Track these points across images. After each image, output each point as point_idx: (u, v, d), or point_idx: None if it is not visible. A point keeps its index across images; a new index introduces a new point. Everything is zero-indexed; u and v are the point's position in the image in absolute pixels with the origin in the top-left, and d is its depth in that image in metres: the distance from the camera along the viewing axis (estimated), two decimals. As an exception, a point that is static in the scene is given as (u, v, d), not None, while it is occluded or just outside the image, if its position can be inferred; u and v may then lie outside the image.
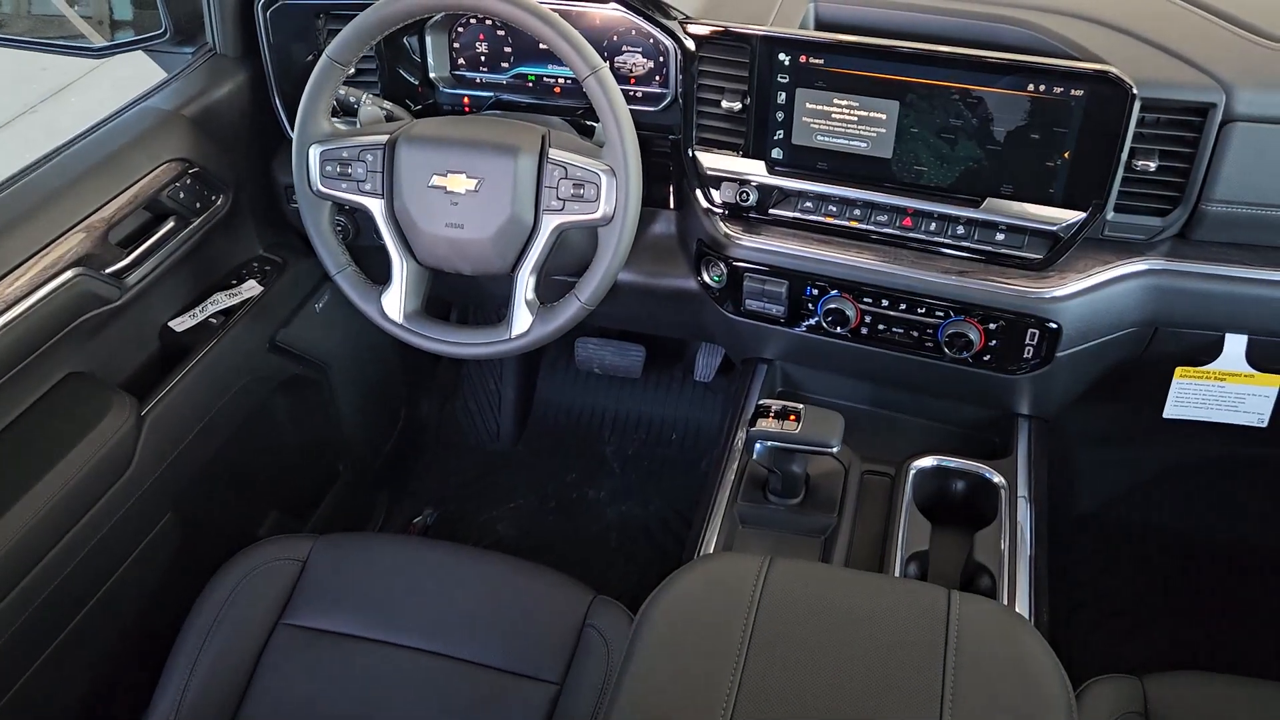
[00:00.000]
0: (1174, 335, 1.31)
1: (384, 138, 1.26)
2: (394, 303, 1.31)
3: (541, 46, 1.42)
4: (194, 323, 1.48)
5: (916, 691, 0.87)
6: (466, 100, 1.48)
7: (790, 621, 0.92)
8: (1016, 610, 1.18)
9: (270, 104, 1.52)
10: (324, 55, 1.24)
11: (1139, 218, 1.22)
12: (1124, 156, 1.16)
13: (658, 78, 1.40)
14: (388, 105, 1.39)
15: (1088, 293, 1.25)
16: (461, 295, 2.07)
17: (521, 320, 1.27)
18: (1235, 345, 1.29)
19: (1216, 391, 1.33)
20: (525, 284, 1.26)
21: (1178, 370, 1.33)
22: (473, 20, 1.46)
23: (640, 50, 1.40)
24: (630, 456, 2.20)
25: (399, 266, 1.30)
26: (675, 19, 1.33)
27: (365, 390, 1.93)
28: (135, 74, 1.64)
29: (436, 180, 1.23)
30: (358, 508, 2.00)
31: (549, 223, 1.23)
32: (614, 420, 2.25)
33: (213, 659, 1.25)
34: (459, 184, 1.23)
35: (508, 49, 1.46)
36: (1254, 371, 1.31)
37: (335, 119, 1.30)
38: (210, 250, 1.51)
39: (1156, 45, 1.20)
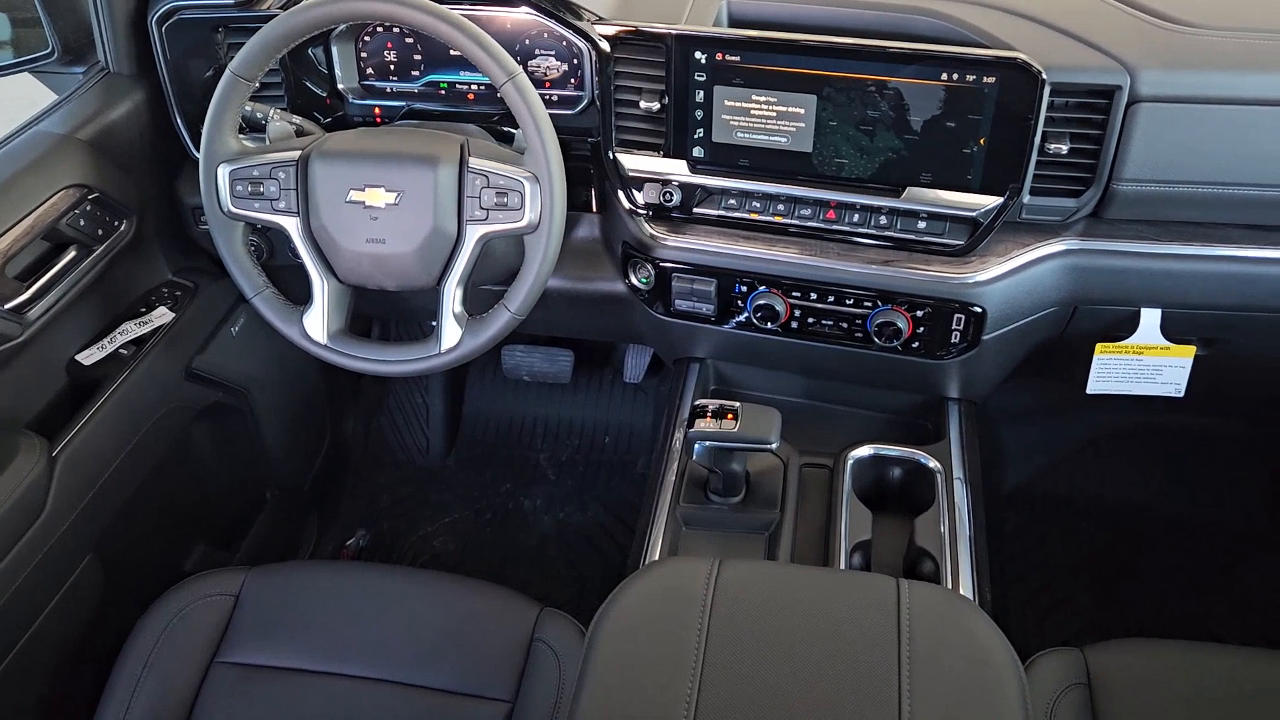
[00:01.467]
0: (1093, 312, 1.34)
1: (296, 153, 1.22)
2: (316, 323, 1.27)
3: (453, 53, 1.40)
4: (103, 355, 1.41)
5: (874, 682, 0.87)
6: (378, 111, 1.45)
7: (744, 623, 0.92)
8: (961, 592, 1.20)
9: (171, 123, 1.47)
10: (228, 71, 1.20)
11: (1054, 200, 1.25)
12: (1037, 140, 1.19)
13: (573, 80, 1.39)
14: (297, 120, 1.34)
15: (1009, 275, 1.27)
16: (383, 311, 2.02)
17: (450, 334, 1.24)
18: (1150, 319, 1.33)
19: (1135, 365, 1.37)
20: (452, 297, 1.23)
21: (1098, 346, 1.36)
22: (379, 29, 1.42)
23: (553, 53, 1.38)
24: (564, 463, 2.19)
25: (320, 285, 1.26)
26: (587, 20, 1.32)
27: (288, 412, 1.87)
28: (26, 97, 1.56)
29: (354, 195, 1.20)
30: (287, 534, 1.94)
31: (473, 233, 1.20)
32: (545, 427, 2.23)
33: (146, 705, 1.19)
34: (378, 198, 1.20)
35: (417, 56, 1.43)
36: (1169, 344, 1.35)
37: (243, 136, 1.26)
38: (116, 278, 1.45)
39: (1062, 31, 1.23)
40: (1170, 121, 1.18)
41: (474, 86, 1.43)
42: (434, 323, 1.27)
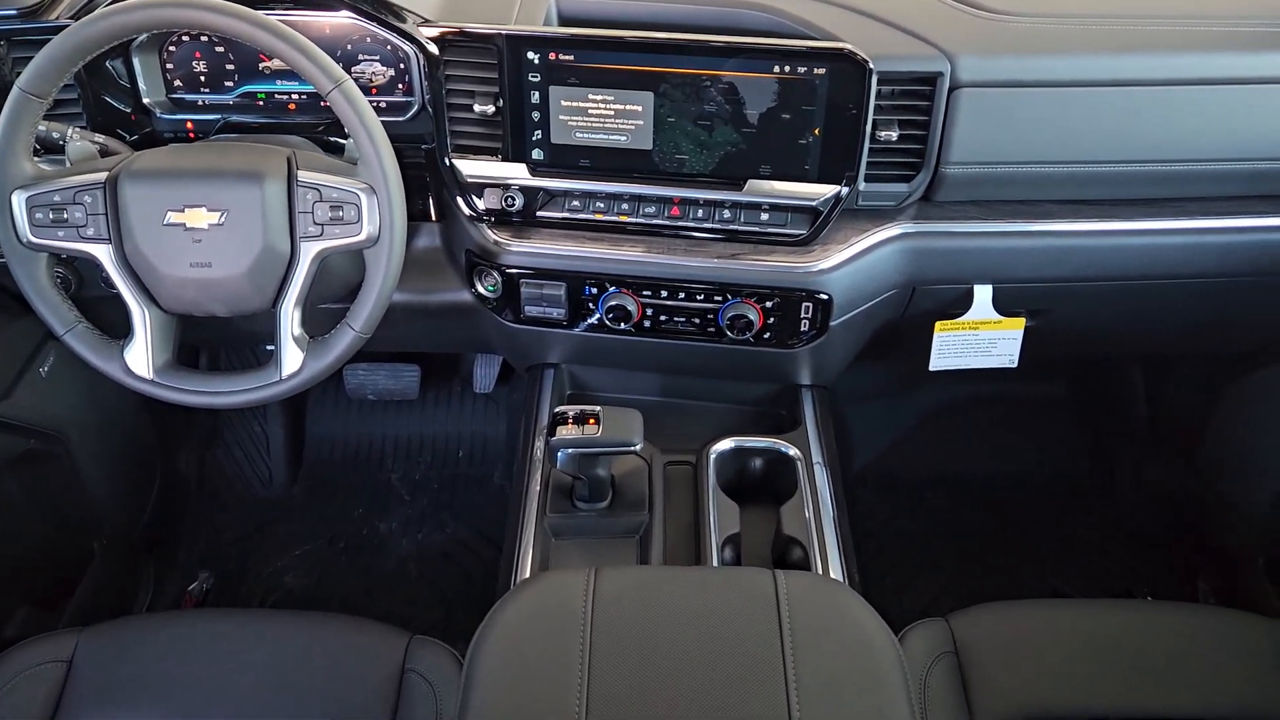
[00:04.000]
0: (930, 292, 1.39)
1: (102, 175, 1.12)
2: (140, 357, 1.17)
3: (273, 62, 1.32)
4: (-111, 409, 1.27)
5: (762, 674, 0.88)
6: (190, 125, 1.35)
7: (627, 633, 0.90)
8: (831, 576, 1.22)
9: (-51, 148, 1.32)
10: (15, 88, 1.09)
11: (887, 185, 1.29)
12: (868, 129, 1.22)
13: (401, 85, 1.34)
14: (100, 138, 1.24)
15: (851, 261, 1.30)
16: (209, 338, 1.90)
17: (292, 358, 1.17)
18: (983, 294, 1.39)
19: (972, 340, 1.43)
20: (290, 319, 1.17)
21: (937, 324, 1.42)
22: (185, 37, 1.33)
23: (378, 58, 1.32)
24: (418, 481, 2.12)
25: (140, 316, 1.16)
26: (411, 22, 1.27)
27: (112, 454, 1.73)
28: None
29: (173, 217, 1.11)
30: (121, 587, 1.80)
31: (308, 250, 1.14)
32: (395, 446, 2.16)
33: (-29, 795, 1.08)
34: (200, 218, 1.11)
35: (230, 66, 1.34)
36: (1001, 317, 1.42)
37: (38, 159, 1.15)
38: (-102, 323, 1.30)
39: (885, 21, 1.26)
40: (990, 105, 1.23)
41: (294, 95, 1.35)
42: (269, 347, 1.20)
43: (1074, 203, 1.32)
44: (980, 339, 1.43)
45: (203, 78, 1.34)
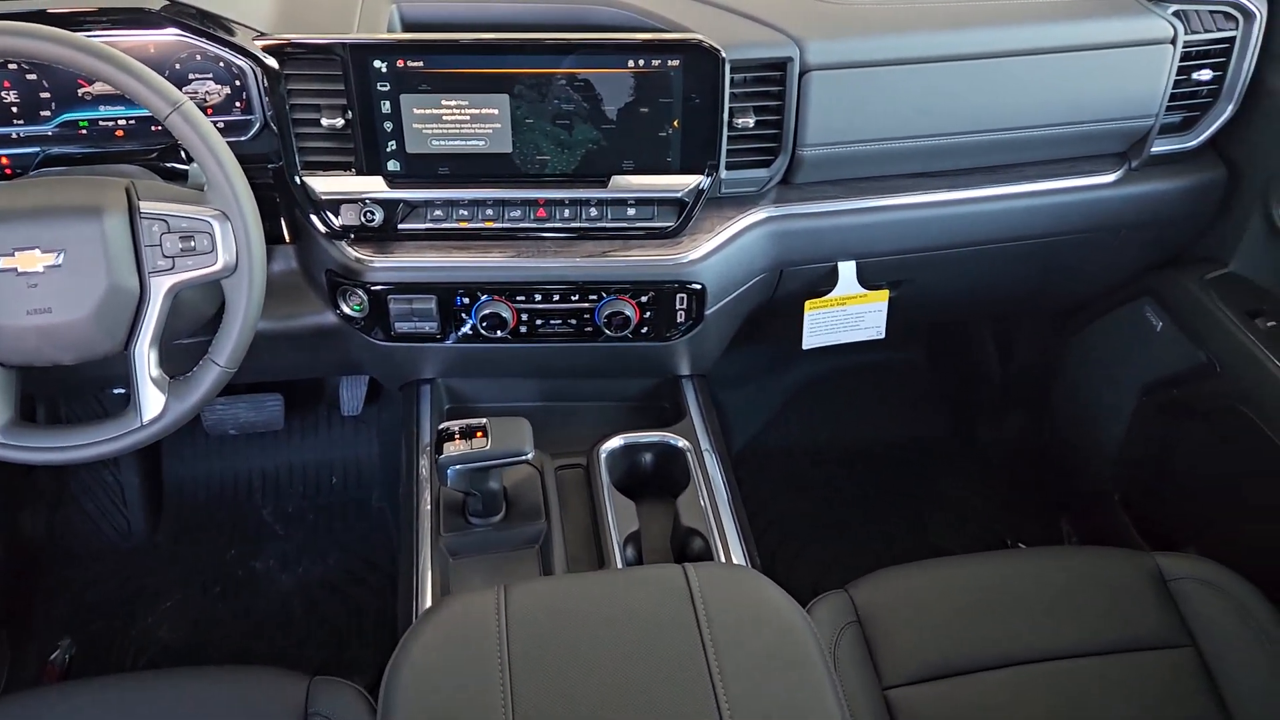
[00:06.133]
0: (797, 272, 1.42)
1: None
2: (-22, 419, 1.08)
3: (94, 87, 1.23)
4: None
5: (686, 671, 0.88)
6: (5, 161, 1.25)
7: (546, 649, 0.89)
8: (735, 562, 1.23)
9: None
10: None
11: (748, 172, 1.31)
12: (725, 117, 1.23)
13: (238, 103, 1.26)
14: (-97, 183, 1.13)
15: (720, 249, 1.32)
16: (41, 388, 1.76)
17: (152, 402, 1.10)
18: (847, 270, 1.43)
19: (841, 315, 1.47)
20: (146, 360, 1.09)
21: (807, 304, 1.45)
22: (-12, 67, 1.22)
23: (211, 76, 1.25)
24: (291, 514, 2.03)
25: (-27, 374, 1.07)
26: (243, 37, 1.20)
27: (-53, 524, 1.59)
28: None
29: (2, 262, 1.02)
30: None
31: (160, 286, 1.07)
32: (263, 479, 2.06)
33: None
34: (33, 261, 1.03)
35: (44, 94, 1.24)
36: (866, 291, 1.46)
37: None
38: None
39: (734, 11, 1.28)
40: (840, 87, 1.26)
41: (122, 121, 1.26)
42: (118, 391, 1.12)
43: (924, 175, 1.38)
44: (848, 314, 1.47)
45: (15, 109, 1.24)
